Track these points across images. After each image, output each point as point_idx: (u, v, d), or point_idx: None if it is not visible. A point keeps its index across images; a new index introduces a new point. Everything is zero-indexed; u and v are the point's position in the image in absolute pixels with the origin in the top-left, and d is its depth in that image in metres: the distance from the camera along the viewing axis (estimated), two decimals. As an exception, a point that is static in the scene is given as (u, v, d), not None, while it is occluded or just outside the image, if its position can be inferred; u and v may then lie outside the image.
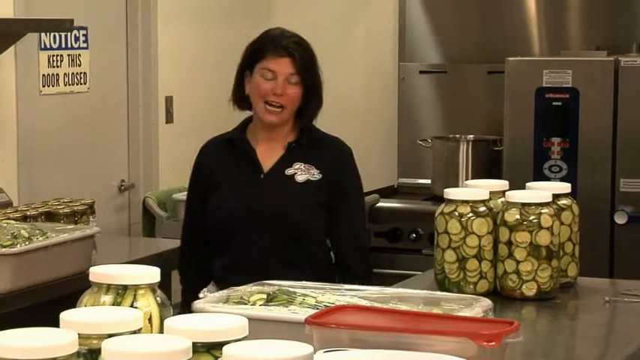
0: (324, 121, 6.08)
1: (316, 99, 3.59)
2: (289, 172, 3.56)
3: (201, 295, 2.70)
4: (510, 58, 5.30)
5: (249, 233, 3.52)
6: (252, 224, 3.51)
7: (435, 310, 2.45)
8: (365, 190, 5.68)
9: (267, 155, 3.59)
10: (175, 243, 4.75)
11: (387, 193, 5.87)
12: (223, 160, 3.63)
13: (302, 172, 3.55)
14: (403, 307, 2.50)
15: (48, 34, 4.89)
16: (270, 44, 3.55)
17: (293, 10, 6.32)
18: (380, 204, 5.51)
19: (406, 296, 2.63)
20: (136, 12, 5.41)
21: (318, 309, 2.49)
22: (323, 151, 3.62)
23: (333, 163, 3.61)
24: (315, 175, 3.55)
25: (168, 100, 5.64)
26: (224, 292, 2.75)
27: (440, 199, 3.30)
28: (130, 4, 5.40)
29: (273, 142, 3.60)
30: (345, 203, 3.63)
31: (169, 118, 5.65)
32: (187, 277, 3.76)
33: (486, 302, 2.48)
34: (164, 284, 3.23)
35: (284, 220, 3.52)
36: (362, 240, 3.79)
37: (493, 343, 1.99)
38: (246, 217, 3.52)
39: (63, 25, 4.68)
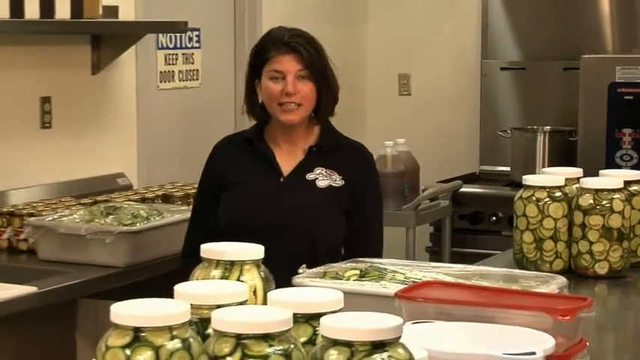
0: (413, 113, 6.07)
1: (330, 94, 3.16)
2: (310, 177, 3.12)
3: (300, 270, 2.71)
4: (585, 56, 5.26)
5: (264, 238, 2.94)
6: (268, 229, 2.97)
7: (514, 287, 2.43)
8: (449, 177, 5.71)
9: (287, 158, 3.14)
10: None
11: (469, 179, 5.83)
12: (239, 159, 3.17)
13: (324, 178, 3.11)
14: (484, 283, 2.48)
15: (165, 35, 4.93)
16: (272, 44, 3.09)
17: (387, 13, 6.31)
18: (463, 189, 5.49)
19: (487, 273, 2.61)
20: (244, 15, 5.43)
21: (406, 284, 2.49)
22: (345, 156, 3.19)
23: (356, 170, 3.17)
24: (337, 181, 3.12)
25: (271, 95, 5.65)
26: (321, 269, 2.76)
27: (518, 185, 3.28)
28: (238, 7, 5.42)
29: (292, 145, 3.15)
30: (366, 213, 3.19)
31: (272, 111, 5.66)
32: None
33: (561, 280, 2.45)
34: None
35: (303, 226, 3.07)
36: (380, 249, 3.25)
37: (568, 317, 1.97)
38: (262, 221, 3.04)
39: (178, 27, 4.72)
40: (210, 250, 1.96)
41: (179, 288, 1.74)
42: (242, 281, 1.89)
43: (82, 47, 4.46)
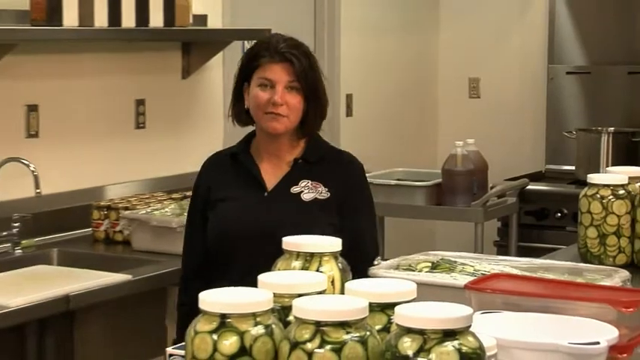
0: (482, 115, 6.02)
1: (319, 108, 2.87)
2: (295, 190, 2.84)
3: (375, 262, 2.70)
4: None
5: (251, 254, 2.73)
6: (254, 245, 2.74)
7: (579, 279, 2.40)
8: (516, 175, 5.66)
9: (272, 172, 2.88)
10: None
11: (535, 177, 5.78)
12: (225, 176, 2.90)
13: (309, 191, 2.83)
14: (550, 276, 2.46)
15: (250, 41, 4.94)
16: (266, 51, 2.82)
17: (458, 22, 6.28)
18: (529, 187, 5.44)
19: (552, 267, 2.59)
20: (323, 24, 5.44)
21: (475, 276, 2.47)
22: (332, 167, 2.90)
23: (343, 181, 2.89)
24: (322, 193, 2.84)
25: (349, 98, 5.66)
26: (395, 261, 2.75)
27: (583, 183, 3.24)
28: (317, 16, 5.43)
29: (277, 158, 2.88)
30: (355, 225, 2.87)
31: (349, 113, 5.67)
32: (185, 310, 2.91)
33: (624, 273, 2.41)
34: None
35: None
36: (372, 256, 2.92)
37: (631, 309, 1.94)
38: (247, 237, 2.79)
39: (262, 34, 4.73)
40: (291, 242, 1.97)
41: (263, 278, 1.75)
42: (321, 272, 1.89)
43: (173, 53, 4.50)
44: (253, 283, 1.89)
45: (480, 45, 6.25)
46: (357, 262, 2.49)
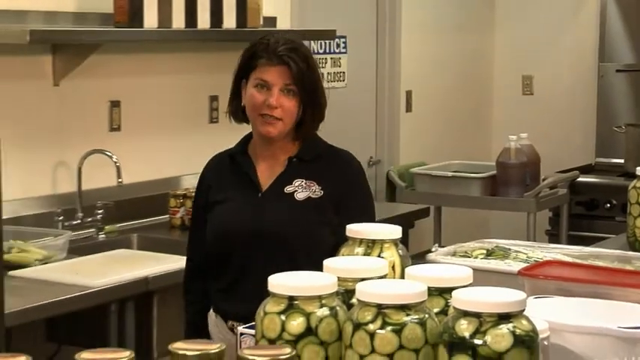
0: (535, 111, 5.95)
1: (315, 112, 2.64)
2: (289, 189, 2.62)
3: (433, 249, 2.69)
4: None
5: (246, 255, 2.60)
6: (249, 245, 2.59)
7: (627, 267, 2.37)
8: (566, 167, 5.60)
9: (267, 172, 2.66)
10: (412, 207, 4.78)
11: (585, 170, 5.71)
12: (223, 177, 2.71)
13: (302, 190, 2.62)
14: (600, 263, 2.43)
15: (316, 41, 4.96)
16: (264, 52, 2.58)
17: (513, 22, 6.22)
18: (580, 179, 5.39)
19: (602, 254, 2.56)
20: (385, 24, 5.43)
21: (528, 263, 2.45)
22: (327, 166, 2.67)
23: (339, 180, 2.66)
24: (316, 192, 2.61)
25: (408, 94, 5.64)
26: (452, 248, 2.74)
27: (631, 176, 3.19)
28: (380, 17, 5.42)
29: (273, 158, 2.66)
30: (351, 221, 2.58)
31: (409, 108, 5.65)
32: (190, 298, 2.80)
33: (671, 262, 2.38)
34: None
35: (282, 241, 2.58)
36: None
37: (677, 296, 1.91)
38: (242, 238, 2.61)
39: (328, 35, 4.75)
40: (354, 230, 1.96)
41: (328, 263, 1.75)
42: (382, 257, 1.88)
43: (244, 53, 4.52)
44: (248, 283, 1.81)
45: (534, 44, 6.19)
46: None
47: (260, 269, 2.31)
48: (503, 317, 1.50)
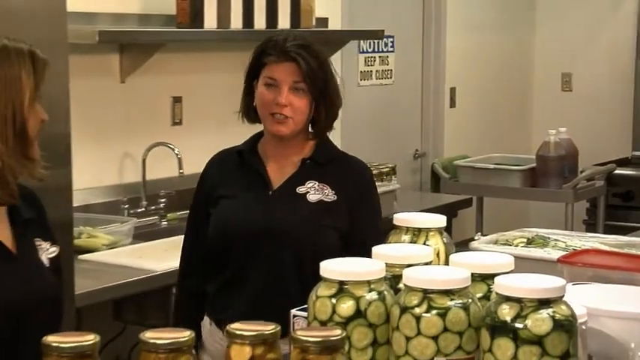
0: (574, 106, 5.88)
1: (327, 109, 2.41)
2: (301, 190, 2.41)
3: (475, 237, 2.68)
4: None
5: (250, 253, 2.38)
6: (254, 244, 2.37)
7: (662, 256, 2.34)
8: (604, 160, 5.53)
9: (279, 172, 2.45)
10: (456, 198, 4.75)
11: (622, 162, 5.64)
12: (230, 173, 2.49)
13: (315, 192, 2.41)
14: (635, 251, 2.40)
15: (365, 41, 4.95)
16: (272, 49, 2.39)
17: (553, 21, 6.16)
18: (616, 171, 5.33)
19: (637, 243, 2.53)
20: (430, 23, 5.40)
21: (567, 251, 2.43)
22: (340, 171, 2.46)
23: (351, 187, 2.45)
24: (329, 195, 2.40)
25: (452, 90, 5.61)
26: (493, 236, 2.71)
27: (667, 169, 3.14)
28: (426, 17, 5.39)
29: (285, 158, 2.45)
30: (362, 232, 2.41)
31: (452, 104, 5.62)
32: (181, 299, 2.58)
33: None
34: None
35: (290, 240, 2.37)
36: None
37: None
38: (247, 235, 2.38)
39: (376, 35, 4.73)
40: (401, 218, 1.95)
41: (377, 250, 1.75)
42: (428, 245, 1.87)
43: (298, 51, 4.52)
44: (248, 281, 1.68)
45: (573, 42, 6.12)
46: None
47: (263, 267, 2.23)
48: (544, 302, 1.49)
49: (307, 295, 1.65)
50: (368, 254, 2.18)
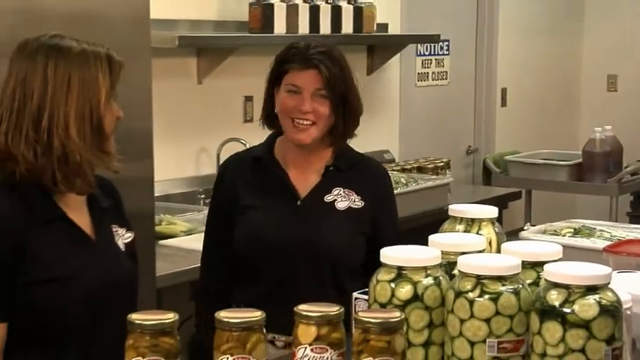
0: (619, 105, 5.77)
1: (350, 117, 2.21)
2: (328, 198, 2.22)
3: (525, 227, 2.64)
4: None
5: (283, 265, 2.17)
6: (288, 255, 2.17)
7: None
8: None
9: (302, 179, 2.23)
10: (506, 190, 4.69)
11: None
12: (250, 180, 2.25)
13: (342, 199, 2.22)
14: (678, 243, 2.34)
15: (422, 44, 4.91)
16: (294, 56, 2.21)
17: (600, 26, 6.04)
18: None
19: (680, 235, 2.47)
20: (483, 28, 5.34)
21: (612, 241, 2.39)
22: (362, 175, 2.28)
23: (374, 190, 2.27)
24: (356, 202, 2.22)
25: (504, 90, 5.55)
26: (542, 226, 2.67)
27: None
28: (479, 22, 5.34)
29: (306, 164, 2.24)
30: (386, 236, 2.22)
31: (504, 103, 5.56)
32: (207, 302, 2.30)
33: None
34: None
35: (324, 251, 2.18)
36: None
37: None
38: (281, 247, 2.18)
39: (433, 39, 4.70)
40: (455, 209, 1.94)
41: (433, 238, 1.73)
42: (480, 234, 1.86)
43: (360, 54, 4.51)
44: (284, 294, 1.58)
45: (618, 46, 6.00)
46: None
47: (300, 279, 2.01)
48: (591, 289, 1.47)
49: (345, 300, 1.59)
50: None
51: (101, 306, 1.79)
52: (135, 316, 1.42)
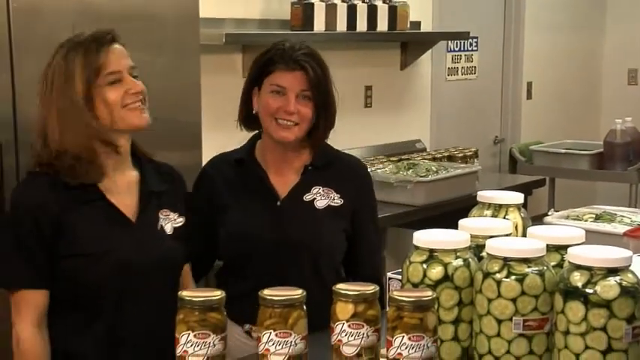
0: (638, 98, 5.66)
1: (327, 118, 2.12)
2: (308, 197, 2.10)
3: (549, 213, 2.60)
4: None
5: (266, 263, 2.06)
6: (270, 254, 2.06)
7: None
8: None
9: (281, 180, 2.13)
10: (531, 178, 4.65)
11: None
12: (231, 182, 2.15)
13: (322, 197, 2.11)
14: (695, 228, 2.30)
15: (452, 41, 4.87)
16: (280, 57, 2.07)
17: (621, 23, 5.94)
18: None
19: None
20: (510, 25, 5.28)
21: (632, 226, 2.36)
22: (341, 173, 2.16)
23: (353, 187, 2.15)
24: (335, 200, 2.11)
25: (529, 84, 5.49)
26: (565, 212, 2.64)
27: None
28: (506, 20, 5.28)
29: (285, 164, 2.13)
30: (366, 232, 2.18)
31: (529, 96, 5.50)
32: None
33: None
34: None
35: (304, 249, 2.07)
36: (380, 270, 2.22)
37: None
38: (261, 247, 2.07)
39: (462, 36, 4.65)
40: (483, 195, 1.92)
41: (462, 222, 1.73)
42: (507, 219, 1.84)
43: (394, 51, 4.49)
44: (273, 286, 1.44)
45: (639, 42, 5.90)
46: (367, 270, 2.10)
47: (282, 277, 1.80)
48: (612, 271, 1.46)
49: (329, 296, 1.46)
50: (371, 250, 2.17)
51: (133, 281, 1.82)
52: (185, 293, 1.43)
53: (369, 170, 2.31)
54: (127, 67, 1.83)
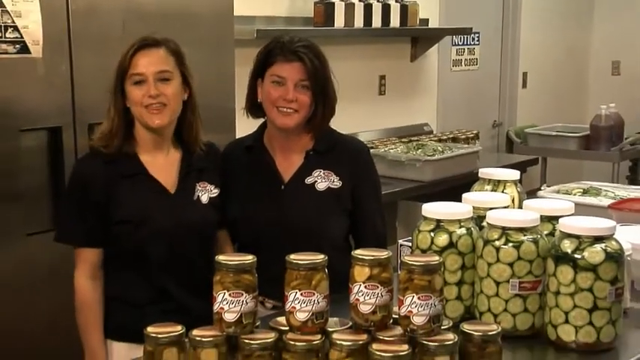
0: (622, 87, 5.59)
1: (325, 108, 2.01)
2: (309, 180, 2.00)
3: (542, 188, 2.58)
4: None
5: (271, 245, 1.87)
6: (274, 237, 1.95)
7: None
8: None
9: (287, 165, 2.04)
10: (525, 157, 4.61)
11: (660, 131, 5.34)
12: (243, 168, 2.07)
13: (322, 180, 2.00)
14: (672, 201, 2.27)
15: (457, 36, 4.82)
16: (279, 50, 2.00)
17: (607, 17, 5.85)
18: (655, 138, 5.06)
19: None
20: (508, 22, 5.22)
21: (615, 199, 2.33)
22: (341, 155, 2.05)
23: (352, 167, 2.04)
24: (335, 182, 2.00)
25: (525, 74, 5.43)
26: (556, 187, 2.62)
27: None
28: (505, 17, 5.21)
29: (290, 150, 2.04)
30: (367, 206, 2.05)
31: (524, 85, 5.44)
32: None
33: None
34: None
35: (306, 231, 1.95)
36: (385, 238, 2.09)
37: None
38: (267, 229, 1.99)
39: (466, 31, 4.60)
40: (484, 172, 1.91)
41: (465, 195, 1.72)
42: (505, 193, 1.83)
43: (404, 45, 4.45)
44: (276, 267, 1.44)
45: (622, 36, 5.81)
46: (371, 241, 1.97)
47: (285, 255, 1.61)
48: (598, 239, 1.44)
49: (332, 275, 1.40)
50: (374, 229, 2.04)
51: (173, 245, 1.87)
52: (221, 257, 1.43)
53: (381, 150, 2.28)
54: (153, 72, 1.85)
